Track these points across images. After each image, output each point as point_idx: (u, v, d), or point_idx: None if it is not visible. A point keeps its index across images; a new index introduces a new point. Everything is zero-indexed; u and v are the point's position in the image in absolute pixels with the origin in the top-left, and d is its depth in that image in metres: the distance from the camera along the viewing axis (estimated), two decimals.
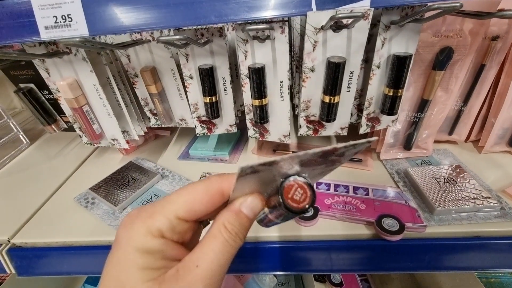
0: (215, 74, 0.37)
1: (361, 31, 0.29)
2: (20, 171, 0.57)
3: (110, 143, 0.46)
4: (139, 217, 0.17)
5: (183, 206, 0.17)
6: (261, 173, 0.16)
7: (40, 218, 0.45)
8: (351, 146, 0.16)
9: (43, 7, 0.30)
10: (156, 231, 0.17)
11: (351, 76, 0.33)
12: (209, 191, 0.18)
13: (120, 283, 0.16)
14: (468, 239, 0.36)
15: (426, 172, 0.44)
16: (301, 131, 0.38)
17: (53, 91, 0.40)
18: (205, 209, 0.18)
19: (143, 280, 0.16)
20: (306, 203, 0.17)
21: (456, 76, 0.41)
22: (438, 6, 0.24)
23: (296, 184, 0.17)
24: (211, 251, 0.17)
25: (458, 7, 0.24)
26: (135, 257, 0.16)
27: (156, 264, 0.16)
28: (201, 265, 0.16)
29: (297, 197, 0.17)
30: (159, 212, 0.17)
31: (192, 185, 0.18)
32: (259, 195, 0.18)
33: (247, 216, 0.18)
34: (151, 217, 0.17)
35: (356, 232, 0.38)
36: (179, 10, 0.29)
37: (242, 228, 0.18)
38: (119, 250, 0.17)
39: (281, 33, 0.31)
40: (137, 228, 0.17)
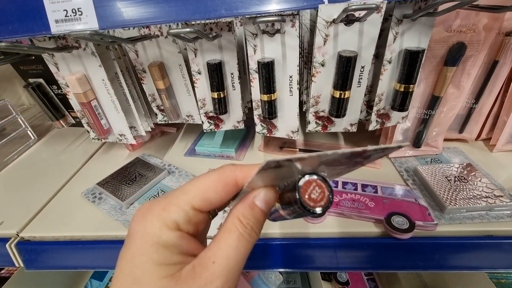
0: (224, 69, 0.37)
1: (374, 25, 0.29)
2: (28, 166, 0.58)
3: (117, 139, 0.46)
4: (153, 209, 0.16)
5: (198, 196, 0.17)
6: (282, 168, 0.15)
7: (48, 212, 0.45)
8: (380, 149, 0.15)
9: (54, 1, 0.30)
10: (172, 224, 0.16)
11: (362, 71, 0.32)
12: (224, 180, 0.17)
13: (135, 280, 0.15)
14: (480, 238, 0.36)
15: (436, 170, 0.43)
16: (310, 127, 0.38)
17: (62, 85, 0.40)
18: (220, 198, 0.17)
19: (159, 277, 0.15)
20: (323, 202, 0.16)
21: (468, 73, 0.40)
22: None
23: (315, 183, 0.16)
24: (227, 246, 0.16)
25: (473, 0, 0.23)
26: (150, 252, 0.15)
27: (173, 259, 0.16)
28: (217, 261, 0.16)
29: (315, 196, 0.16)
30: (174, 203, 0.16)
31: (205, 175, 0.17)
32: (273, 188, 0.18)
33: (262, 210, 0.17)
34: (165, 209, 0.16)
35: (365, 230, 0.37)
36: (189, 3, 0.29)
37: (257, 222, 0.17)
38: (133, 244, 0.16)
39: (291, 27, 0.31)
40: (152, 221, 0.16)
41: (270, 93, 0.34)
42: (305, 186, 0.16)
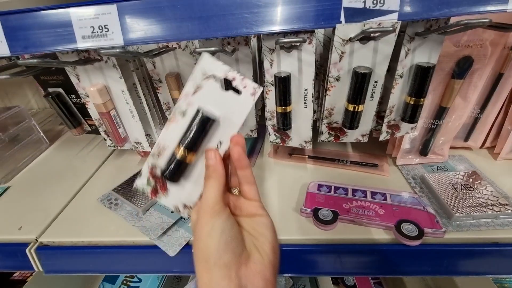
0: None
1: (388, 43, 0.30)
2: (42, 171, 0.59)
3: (133, 146, 0.47)
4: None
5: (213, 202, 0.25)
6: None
7: (65, 217, 0.46)
8: None
9: (81, 17, 0.31)
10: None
11: (375, 86, 0.34)
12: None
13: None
14: (486, 245, 0.37)
15: (442, 178, 0.45)
16: (323, 137, 0.39)
17: (81, 95, 0.42)
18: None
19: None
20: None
21: (475, 85, 0.42)
22: (467, 22, 0.25)
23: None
24: (206, 190, 0.26)
25: (487, 23, 0.24)
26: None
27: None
28: (203, 201, 0.26)
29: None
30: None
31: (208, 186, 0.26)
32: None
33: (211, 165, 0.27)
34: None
35: (375, 237, 0.38)
36: (212, 21, 0.30)
37: (218, 173, 0.26)
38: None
39: (308, 44, 0.32)
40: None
41: (286, 106, 0.36)
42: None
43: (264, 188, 0.47)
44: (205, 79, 0.26)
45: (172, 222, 0.42)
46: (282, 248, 0.39)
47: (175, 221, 0.42)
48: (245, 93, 0.25)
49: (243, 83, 0.25)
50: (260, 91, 0.25)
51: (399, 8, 0.28)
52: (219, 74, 0.26)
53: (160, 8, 0.31)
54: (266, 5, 0.29)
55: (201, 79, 0.26)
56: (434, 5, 0.28)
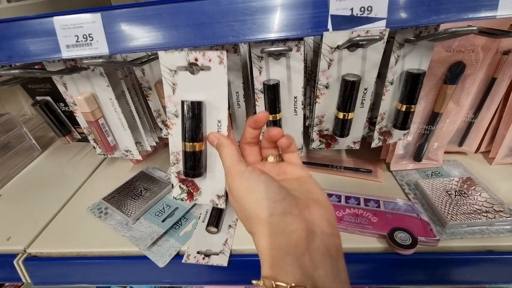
0: (229, 88, 0.38)
1: (376, 51, 0.30)
2: (33, 179, 0.58)
3: (123, 154, 0.47)
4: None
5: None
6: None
7: (54, 227, 0.46)
8: None
9: (65, 26, 0.31)
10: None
11: (365, 93, 0.33)
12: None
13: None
14: (481, 254, 0.36)
15: (436, 184, 0.44)
16: (314, 145, 0.39)
17: (69, 104, 0.41)
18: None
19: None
20: None
21: (467, 90, 0.41)
22: (455, 30, 0.24)
23: None
24: (222, 156, 0.27)
25: (475, 31, 0.24)
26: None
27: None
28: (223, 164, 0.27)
29: None
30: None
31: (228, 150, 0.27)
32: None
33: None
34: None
35: (368, 246, 0.38)
36: (198, 30, 0.30)
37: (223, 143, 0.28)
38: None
39: (297, 51, 0.32)
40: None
41: (275, 113, 0.35)
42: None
43: None
44: (174, 75, 0.27)
45: (162, 231, 0.41)
46: None
47: (165, 231, 0.41)
48: (214, 66, 0.26)
49: (206, 58, 0.26)
50: (225, 54, 0.26)
51: (387, 16, 0.27)
52: (181, 63, 0.26)
53: (146, 16, 0.30)
54: (252, 13, 0.29)
55: (171, 77, 0.27)
56: (422, 12, 0.27)
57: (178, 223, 0.43)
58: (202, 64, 0.26)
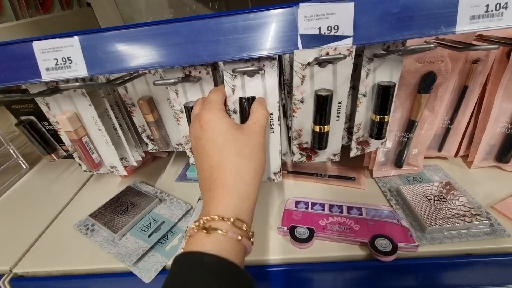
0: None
1: (346, 66, 0.31)
2: (20, 197, 0.58)
3: (109, 170, 0.47)
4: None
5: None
6: None
7: (41, 246, 0.45)
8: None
9: (44, 50, 0.32)
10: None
11: (340, 106, 0.34)
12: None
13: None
14: (460, 257, 0.37)
15: (417, 190, 0.45)
16: (295, 158, 0.40)
17: (53, 123, 0.42)
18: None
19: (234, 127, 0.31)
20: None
21: (440, 98, 0.43)
22: (414, 48, 0.26)
23: None
24: (260, 114, 0.32)
25: (433, 48, 0.25)
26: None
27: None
28: (258, 123, 0.32)
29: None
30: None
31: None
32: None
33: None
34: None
35: (350, 253, 0.38)
36: (174, 50, 0.31)
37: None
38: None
39: (271, 68, 0.33)
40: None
41: None
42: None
43: None
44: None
45: (148, 247, 0.41)
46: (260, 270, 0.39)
47: (151, 246, 0.42)
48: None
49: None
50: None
51: (353, 34, 0.29)
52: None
53: (123, 39, 0.31)
54: (225, 34, 0.30)
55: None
56: (386, 29, 0.29)
57: (165, 237, 0.44)
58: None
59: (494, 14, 0.28)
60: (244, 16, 0.29)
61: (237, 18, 0.29)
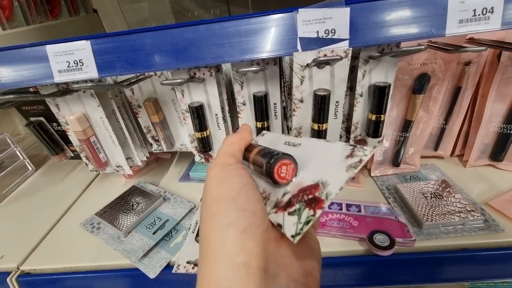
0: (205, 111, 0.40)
1: (342, 68, 0.33)
2: (26, 197, 0.59)
3: (115, 170, 0.49)
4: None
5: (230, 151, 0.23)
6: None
7: (47, 244, 0.47)
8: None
9: (57, 53, 0.33)
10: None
11: (337, 105, 0.36)
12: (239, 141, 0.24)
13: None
14: (456, 252, 0.39)
15: (414, 187, 0.47)
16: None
17: (62, 123, 0.43)
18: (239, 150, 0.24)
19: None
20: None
21: (434, 99, 0.44)
22: (405, 50, 0.27)
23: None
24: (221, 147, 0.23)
25: (423, 49, 0.27)
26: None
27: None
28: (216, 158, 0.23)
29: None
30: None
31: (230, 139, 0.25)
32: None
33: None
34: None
35: (350, 249, 0.40)
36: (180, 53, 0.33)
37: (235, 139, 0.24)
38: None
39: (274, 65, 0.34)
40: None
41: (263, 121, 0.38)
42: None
43: None
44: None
45: (153, 243, 0.43)
46: None
47: (156, 243, 0.43)
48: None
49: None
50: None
51: (349, 37, 0.31)
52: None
53: (131, 43, 0.33)
54: (228, 37, 0.32)
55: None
56: (380, 33, 0.31)
57: (169, 234, 0.45)
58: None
59: (481, 18, 0.30)
60: (246, 20, 0.31)
61: (239, 22, 0.31)
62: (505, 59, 0.42)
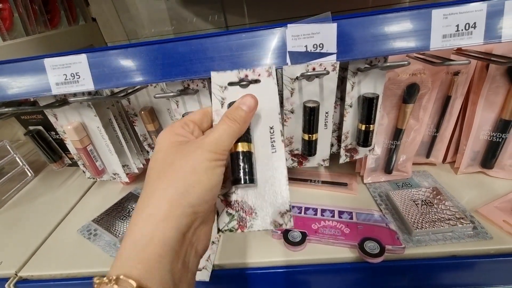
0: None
1: (331, 80, 0.34)
2: (25, 203, 0.60)
3: (111, 177, 0.49)
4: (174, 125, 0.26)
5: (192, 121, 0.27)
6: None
7: (45, 250, 0.47)
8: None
9: (55, 66, 0.34)
10: (186, 124, 0.26)
11: (327, 116, 0.37)
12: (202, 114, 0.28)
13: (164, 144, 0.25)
14: (445, 259, 0.39)
15: (405, 195, 0.48)
16: (287, 163, 0.42)
17: (60, 133, 0.44)
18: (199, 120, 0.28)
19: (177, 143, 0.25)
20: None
21: (424, 108, 0.45)
22: (389, 65, 0.28)
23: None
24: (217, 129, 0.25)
25: (407, 64, 0.28)
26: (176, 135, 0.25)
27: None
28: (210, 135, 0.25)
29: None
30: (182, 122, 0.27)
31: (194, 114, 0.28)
32: (253, 97, 0.27)
33: (243, 109, 0.26)
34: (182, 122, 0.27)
35: (341, 256, 0.40)
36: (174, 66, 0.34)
37: (240, 116, 0.26)
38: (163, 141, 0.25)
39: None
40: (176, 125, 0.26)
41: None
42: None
43: None
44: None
45: None
46: (254, 272, 0.41)
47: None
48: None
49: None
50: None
51: (336, 51, 0.32)
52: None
53: (125, 56, 0.34)
54: (219, 51, 0.33)
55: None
56: (367, 47, 0.32)
57: None
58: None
59: (464, 33, 0.31)
60: (237, 35, 0.32)
61: (230, 37, 0.32)
62: (493, 69, 0.43)
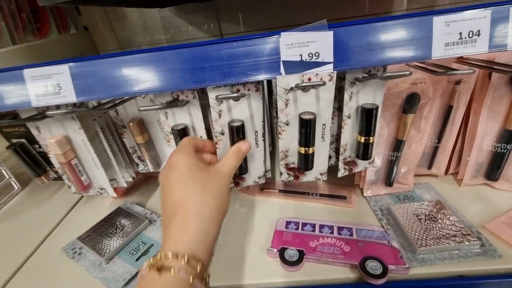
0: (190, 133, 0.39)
1: (328, 90, 0.32)
2: (10, 218, 0.57)
3: (98, 192, 0.47)
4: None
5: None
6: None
7: (27, 270, 0.45)
8: None
9: (35, 78, 0.32)
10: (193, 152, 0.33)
11: (324, 128, 0.35)
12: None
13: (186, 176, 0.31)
14: (452, 280, 0.37)
15: (407, 209, 0.45)
16: (283, 177, 0.40)
17: (43, 146, 0.42)
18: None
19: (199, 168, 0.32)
20: None
21: (426, 118, 0.43)
22: (390, 75, 0.27)
23: None
24: (230, 161, 0.34)
25: (408, 75, 0.26)
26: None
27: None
28: (226, 167, 0.33)
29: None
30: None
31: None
32: (249, 143, 0.36)
33: (243, 151, 0.35)
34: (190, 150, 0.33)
35: (341, 276, 0.38)
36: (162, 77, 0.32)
37: (242, 153, 0.35)
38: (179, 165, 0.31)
39: (256, 91, 0.33)
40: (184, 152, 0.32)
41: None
42: None
43: (232, 227, 0.47)
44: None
45: (136, 271, 0.41)
46: None
47: (138, 270, 0.41)
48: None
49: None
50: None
51: (333, 60, 0.30)
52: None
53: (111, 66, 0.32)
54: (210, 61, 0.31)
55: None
56: (365, 56, 0.30)
57: None
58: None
59: (468, 41, 0.29)
60: (228, 44, 0.30)
61: (221, 46, 0.30)
62: (496, 78, 0.42)
